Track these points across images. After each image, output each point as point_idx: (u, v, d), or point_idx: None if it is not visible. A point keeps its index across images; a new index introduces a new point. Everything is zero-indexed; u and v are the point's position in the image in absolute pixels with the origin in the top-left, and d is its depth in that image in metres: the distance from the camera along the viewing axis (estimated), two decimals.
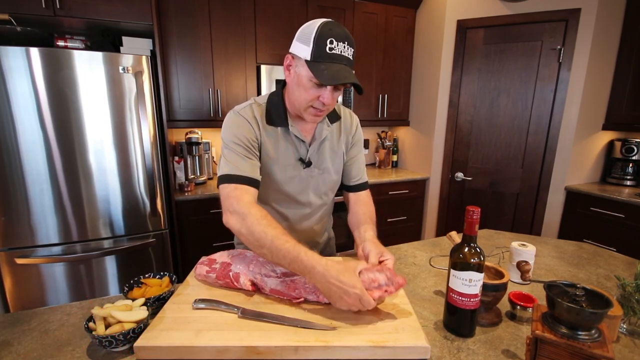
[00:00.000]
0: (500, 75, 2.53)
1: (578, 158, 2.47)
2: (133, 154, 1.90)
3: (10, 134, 1.66)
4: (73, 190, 1.81)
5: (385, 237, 2.87)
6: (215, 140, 2.73)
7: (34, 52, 1.63)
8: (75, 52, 1.71)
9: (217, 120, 2.41)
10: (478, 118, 2.66)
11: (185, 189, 2.27)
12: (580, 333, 0.62)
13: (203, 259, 0.96)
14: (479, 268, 0.73)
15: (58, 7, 1.71)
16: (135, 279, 0.90)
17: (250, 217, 0.83)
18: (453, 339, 0.78)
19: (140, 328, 0.72)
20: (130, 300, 0.79)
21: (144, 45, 2.01)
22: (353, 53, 0.88)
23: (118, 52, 1.87)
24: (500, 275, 0.87)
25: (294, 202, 1.07)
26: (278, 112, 0.99)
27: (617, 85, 2.43)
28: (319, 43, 0.83)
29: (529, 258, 1.02)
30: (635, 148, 2.42)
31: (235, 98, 2.44)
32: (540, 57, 2.39)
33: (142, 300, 0.79)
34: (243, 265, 0.89)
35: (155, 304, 0.83)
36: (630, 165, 2.49)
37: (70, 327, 0.81)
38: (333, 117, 1.08)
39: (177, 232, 2.17)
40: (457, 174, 2.79)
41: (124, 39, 1.95)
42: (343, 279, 0.73)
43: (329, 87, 0.88)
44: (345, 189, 1.18)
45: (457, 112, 2.72)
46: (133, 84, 1.83)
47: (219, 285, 0.90)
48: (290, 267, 0.78)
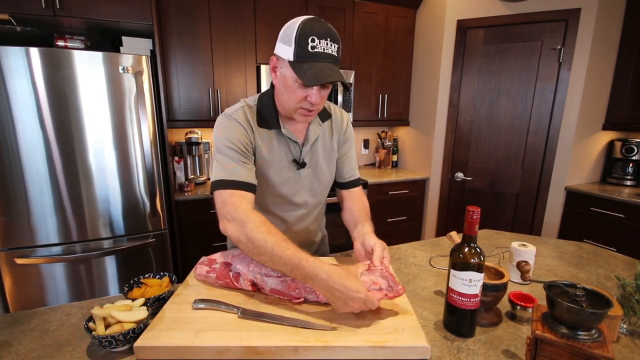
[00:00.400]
0: (500, 75, 2.53)
1: (578, 158, 2.47)
2: (133, 154, 1.90)
3: (10, 134, 1.66)
4: (73, 190, 1.81)
5: (385, 237, 2.83)
6: None
7: (34, 52, 1.63)
8: (75, 52, 1.71)
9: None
10: (478, 118, 2.66)
11: (185, 189, 2.28)
12: (580, 333, 0.62)
13: (203, 259, 0.96)
14: (479, 268, 0.73)
15: (58, 7, 1.71)
16: (135, 279, 0.90)
17: (249, 224, 0.81)
18: (453, 339, 0.78)
19: (140, 328, 0.72)
20: (130, 301, 0.79)
21: (144, 45, 2.01)
22: (338, 49, 0.85)
23: (118, 52, 1.87)
24: (500, 276, 0.87)
25: (290, 203, 1.06)
26: (269, 113, 0.97)
27: (617, 85, 2.43)
28: (301, 42, 0.80)
29: (529, 258, 1.02)
30: (636, 148, 2.42)
31: (235, 98, 2.44)
32: (540, 57, 2.39)
33: (142, 301, 0.79)
34: (243, 265, 0.89)
35: (155, 304, 0.83)
36: (631, 165, 2.49)
37: (70, 327, 0.81)
38: (324, 115, 1.07)
39: (177, 232, 2.17)
40: (457, 174, 2.79)
41: (124, 39, 1.95)
42: (347, 284, 0.72)
43: (316, 86, 0.86)
44: (338, 187, 1.17)
45: (457, 112, 2.72)
46: (133, 84, 1.83)
47: (219, 285, 0.90)
48: (292, 274, 0.77)
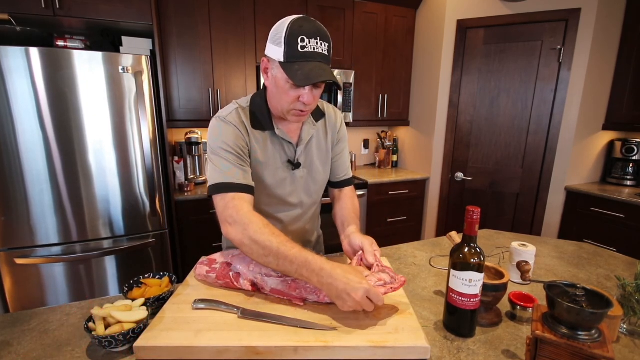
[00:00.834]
0: (500, 75, 2.53)
1: (578, 158, 2.47)
2: (133, 154, 1.90)
3: (10, 134, 1.66)
4: (73, 191, 1.81)
5: (385, 237, 2.87)
6: None
7: (34, 52, 1.63)
8: (75, 52, 1.71)
9: None
10: (478, 118, 2.65)
11: (185, 189, 2.27)
12: (581, 333, 0.62)
13: (203, 259, 0.96)
14: (479, 268, 0.73)
15: (58, 7, 1.71)
16: (135, 279, 0.90)
17: (252, 226, 0.82)
18: (453, 339, 0.78)
19: (140, 328, 0.72)
20: (130, 301, 0.79)
21: (144, 45, 2.01)
22: (328, 47, 0.84)
23: (118, 52, 1.87)
24: (500, 276, 0.87)
25: (286, 204, 1.06)
26: (262, 115, 0.97)
27: (617, 85, 2.43)
28: (291, 42, 0.80)
29: (529, 258, 1.02)
30: (636, 148, 2.42)
31: (235, 98, 2.40)
32: (540, 57, 2.39)
33: (141, 301, 0.79)
34: (243, 266, 0.89)
35: (155, 304, 0.83)
36: (631, 165, 2.49)
37: (70, 327, 0.81)
38: (317, 114, 1.06)
39: (176, 232, 2.17)
40: (457, 174, 2.79)
41: (124, 39, 1.95)
42: (350, 277, 0.74)
43: (308, 86, 0.85)
44: (331, 186, 1.17)
45: (457, 112, 2.72)
46: (133, 84, 1.83)
47: (219, 286, 0.90)
48: (298, 272, 0.78)
